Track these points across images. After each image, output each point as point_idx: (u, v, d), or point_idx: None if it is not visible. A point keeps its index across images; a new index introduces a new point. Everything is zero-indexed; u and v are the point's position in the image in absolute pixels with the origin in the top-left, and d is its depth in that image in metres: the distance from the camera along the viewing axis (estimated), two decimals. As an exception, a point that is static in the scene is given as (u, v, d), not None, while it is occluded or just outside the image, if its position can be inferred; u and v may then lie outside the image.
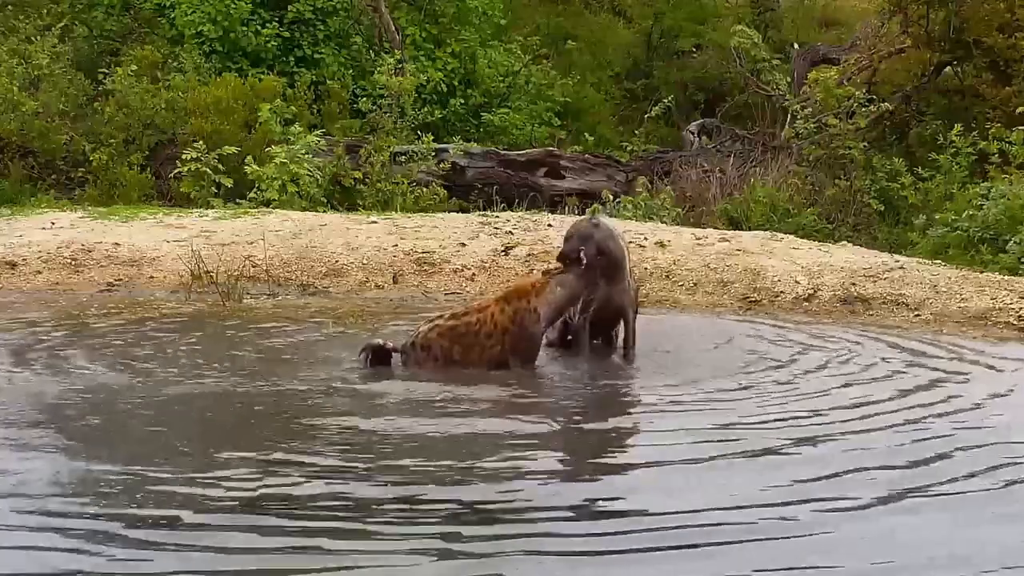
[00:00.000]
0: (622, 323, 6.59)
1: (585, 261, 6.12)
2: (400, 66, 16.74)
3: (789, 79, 17.86)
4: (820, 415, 5.25)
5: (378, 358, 6.04)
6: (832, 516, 3.84)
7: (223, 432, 4.97)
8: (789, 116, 16.33)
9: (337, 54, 18.16)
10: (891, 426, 5.06)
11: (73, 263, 9.43)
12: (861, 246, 10.61)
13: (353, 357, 6.24)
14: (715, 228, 11.44)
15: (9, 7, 18.06)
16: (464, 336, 6.00)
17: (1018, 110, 12.74)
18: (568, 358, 6.53)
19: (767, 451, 4.60)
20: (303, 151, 12.88)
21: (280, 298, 8.81)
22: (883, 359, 6.61)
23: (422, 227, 10.14)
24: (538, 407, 5.64)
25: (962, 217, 11.05)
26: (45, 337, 6.95)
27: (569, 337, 6.63)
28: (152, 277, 9.31)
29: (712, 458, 4.46)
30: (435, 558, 3.43)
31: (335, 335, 7.19)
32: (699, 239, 9.77)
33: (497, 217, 10.78)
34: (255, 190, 12.53)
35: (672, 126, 20.05)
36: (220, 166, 12.87)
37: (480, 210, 12.83)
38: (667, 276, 8.95)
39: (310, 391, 5.59)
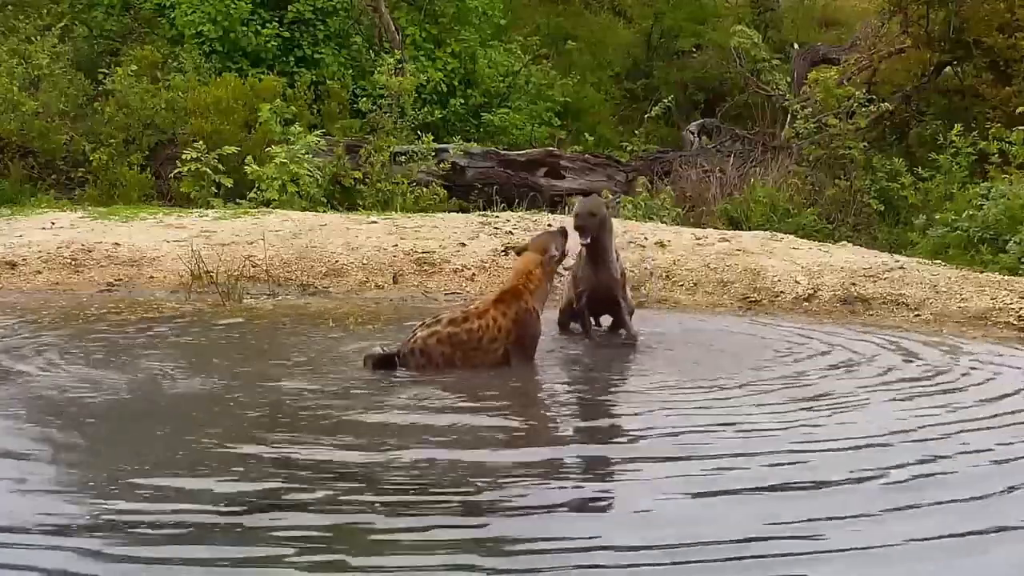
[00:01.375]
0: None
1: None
2: (400, 66, 16.75)
3: (789, 79, 17.88)
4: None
5: (383, 366, 6.04)
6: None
7: (220, 434, 4.93)
8: (789, 116, 16.34)
9: (337, 54, 18.17)
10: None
11: (73, 263, 9.42)
12: (861, 246, 10.62)
13: (352, 358, 6.23)
14: (715, 228, 11.44)
15: (9, 7, 18.08)
16: (466, 343, 6.05)
17: (1018, 110, 12.75)
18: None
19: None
20: (303, 151, 12.89)
21: (280, 298, 8.81)
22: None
23: (422, 227, 10.15)
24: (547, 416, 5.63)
25: (962, 217, 11.06)
26: (44, 336, 6.94)
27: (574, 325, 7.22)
28: (152, 277, 9.31)
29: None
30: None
31: (336, 335, 7.18)
32: (699, 239, 9.77)
33: (497, 217, 10.78)
34: (255, 190, 12.54)
35: (672, 126, 20.06)
36: (220, 166, 12.88)
37: (480, 210, 12.83)
38: (667, 276, 8.95)
39: (311, 392, 5.58)
